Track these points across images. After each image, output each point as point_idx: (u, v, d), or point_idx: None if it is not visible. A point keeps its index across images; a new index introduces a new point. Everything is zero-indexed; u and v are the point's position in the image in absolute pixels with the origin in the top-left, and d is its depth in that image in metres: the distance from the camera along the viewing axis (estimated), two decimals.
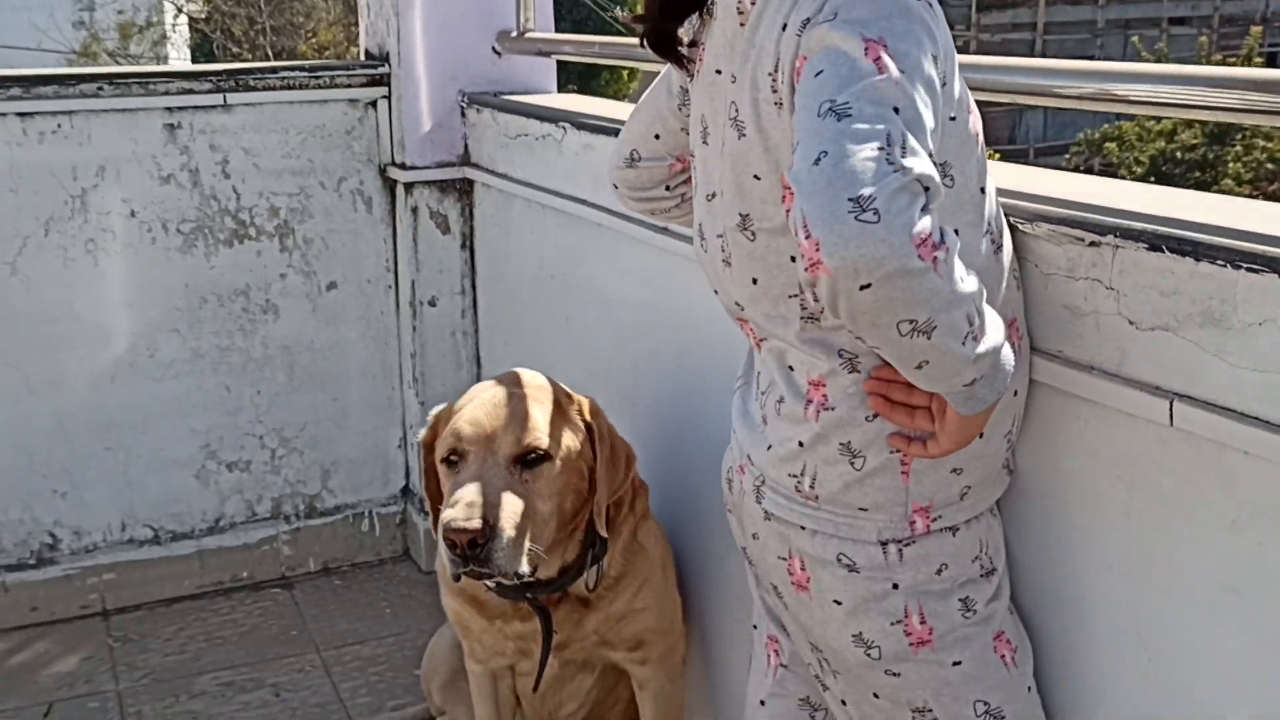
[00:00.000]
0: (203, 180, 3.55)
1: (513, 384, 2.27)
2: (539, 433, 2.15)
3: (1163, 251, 1.44)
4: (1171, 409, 1.45)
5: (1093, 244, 1.53)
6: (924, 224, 1.24)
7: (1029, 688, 1.62)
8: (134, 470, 3.62)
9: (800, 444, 1.57)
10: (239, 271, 3.63)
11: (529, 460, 2.14)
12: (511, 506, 2.07)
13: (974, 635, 1.57)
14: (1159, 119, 17.30)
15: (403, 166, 3.64)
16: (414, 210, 3.67)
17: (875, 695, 1.61)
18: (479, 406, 2.19)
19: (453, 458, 2.17)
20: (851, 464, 1.54)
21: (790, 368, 1.60)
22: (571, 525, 2.25)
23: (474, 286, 3.75)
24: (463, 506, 2.04)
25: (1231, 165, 17.95)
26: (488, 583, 2.23)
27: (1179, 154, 18.65)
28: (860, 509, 1.55)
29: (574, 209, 2.99)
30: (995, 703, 1.58)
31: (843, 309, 1.28)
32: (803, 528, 1.58)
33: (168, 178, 3.51)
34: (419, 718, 3.03)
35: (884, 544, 1.55)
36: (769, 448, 1.62)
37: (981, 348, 1.35)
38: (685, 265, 2.50)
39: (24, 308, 3.42)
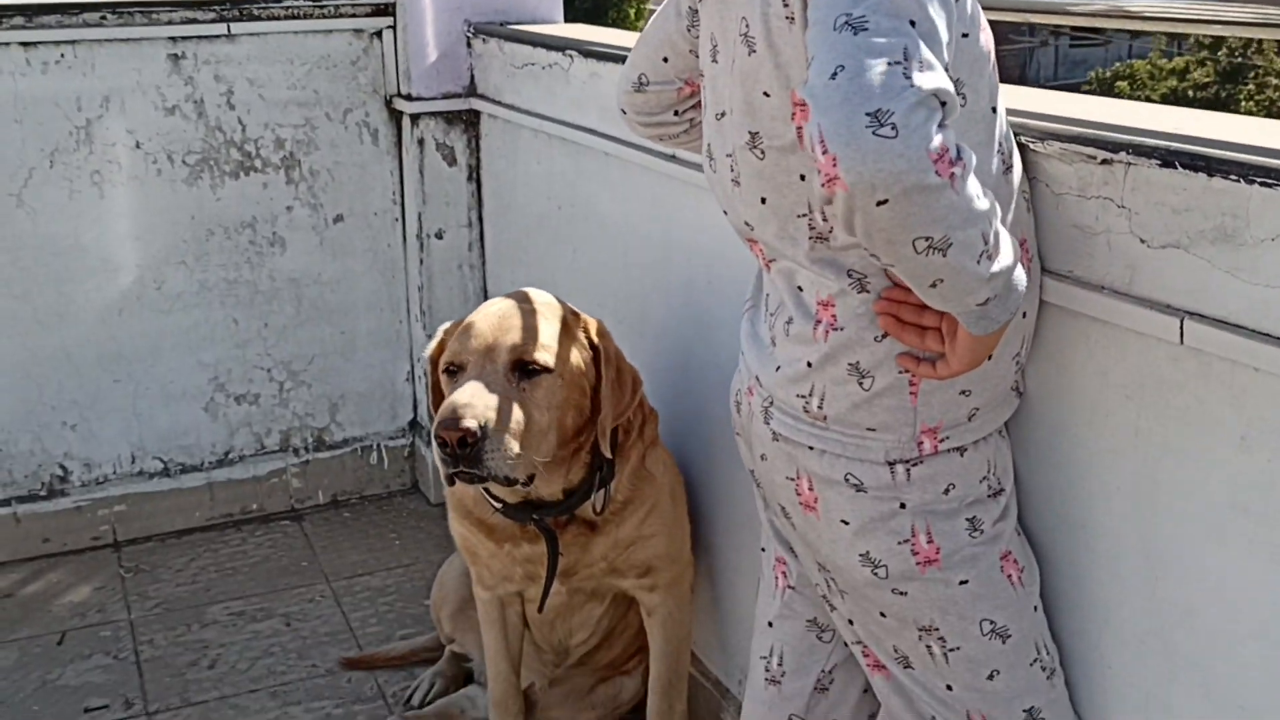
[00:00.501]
0: (208, 111, 3.53)
1: (520, 300, 2.28)
2: (539, 344, 2.17)
3: (1175, 168, 1.43)
4: (1182, 327, 1.44)
5: (1104, 162, 1.51)
6: (941, 139, 1.23)
7: (1035, 607, 1.63)
8: (143, 403, 3.63)
9: (809, 364, 1.57)
10: (245, 204, 3.62)
11: (528, 370, 2.15)
12: (505, 411, 2.08)
13: (980, 555, 1.57)
14: (1170, 56, 17.14)
15: (408, 98, 3.61)
16: (420, 142, 3.65)
17: (882, 614, 1.61)
18: (483, 319, 2.21)
19: (453, 368, 2.20)
20: (860, 384, 1.54)
21: (799, 288, 1.59)
22: (574, 445, 2.26)
23: (481, 219, 3.74)
24: (456, 406, 2.05)
25: (1244, 104, 17.82)
26: (486, 492, 2.27)
27: (1191, 92, 18.52)
28: (868, 429, 1.55)
29: (581, 138, 2.97)
30: (1001, 621, 1.59)
31: (859, 225, 1.27)
32: (811, 448, 1.58)
33: (172, 109, 3.49)
34: (429, 646, 3.06)
35: (891, 464, 1.55)
36: (777, 369, 1.62)
37: (995, 266, 1.35)
38: (693, 192, 2.49)
39: (30, 240, 3.41)
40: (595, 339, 2.27)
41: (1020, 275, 1.40)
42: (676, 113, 1.85)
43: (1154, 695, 1.57)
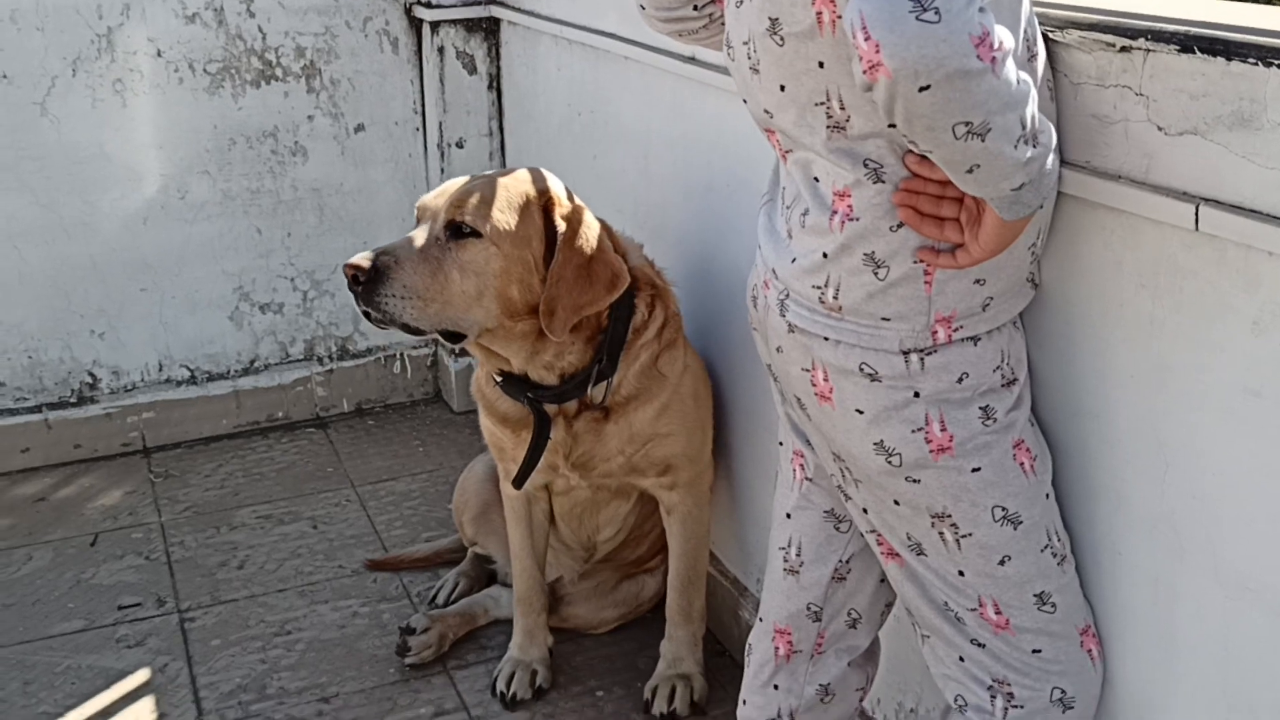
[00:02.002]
0: (228, 19, 3.52)
1: (499, 173, 2.35)
2: (467, 209, 2.24)
3: (1194, 53, 1.43)
4: (1197, 213, 1.44)
5: (1123, 49, 1.51)
6: (983, 23, 1.24)
7: (1047, 495, 1.65)
8: (169, 311, 3.67)
9: (824, 255, 1.58)
10: (267, 113, 3.63)
11: (459, 232, 2.24)
12: (413, 263, 2.20)
13: (993, 443, 1.59)
14: None
15: (428, 5, 3.60)
16: (440, 50, 3.64)
17: (896, 502, 1.64)
18: (451, 183, 2.33)
19: (419, 219, 2.32)
20: (875, 274, 1.55)
21: (815, 179, 1.60)
22: (529, 320, 2.28)
23: (501, 128, 3.74)
24: (371, 250, 2.22)
25: None
26: (495, 380, 2.41)
27: None
28: (883, 319, 1.56)
29: (601, 43, 2.96)
30: (1013, 508, 1.61)
31: (899, 112, 1.29)
32: (826, 338, 1.60)
33: (192, 16, 3.49)
34: (453, 548, 3.12)
35: (906, 353, 1.56)
36: (793, 260, 1.63)
37: (1032, 152, 1.36)
38: (714, 95, 2.49)
39: (55, 148, 3.44)
40: (560, 220, 2.28)
41: (1053, 161, 1.42)
42: (695, 7, 1.85)
43: (1163, 579, 1.60)
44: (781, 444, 1.92)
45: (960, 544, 1.62)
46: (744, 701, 1.95)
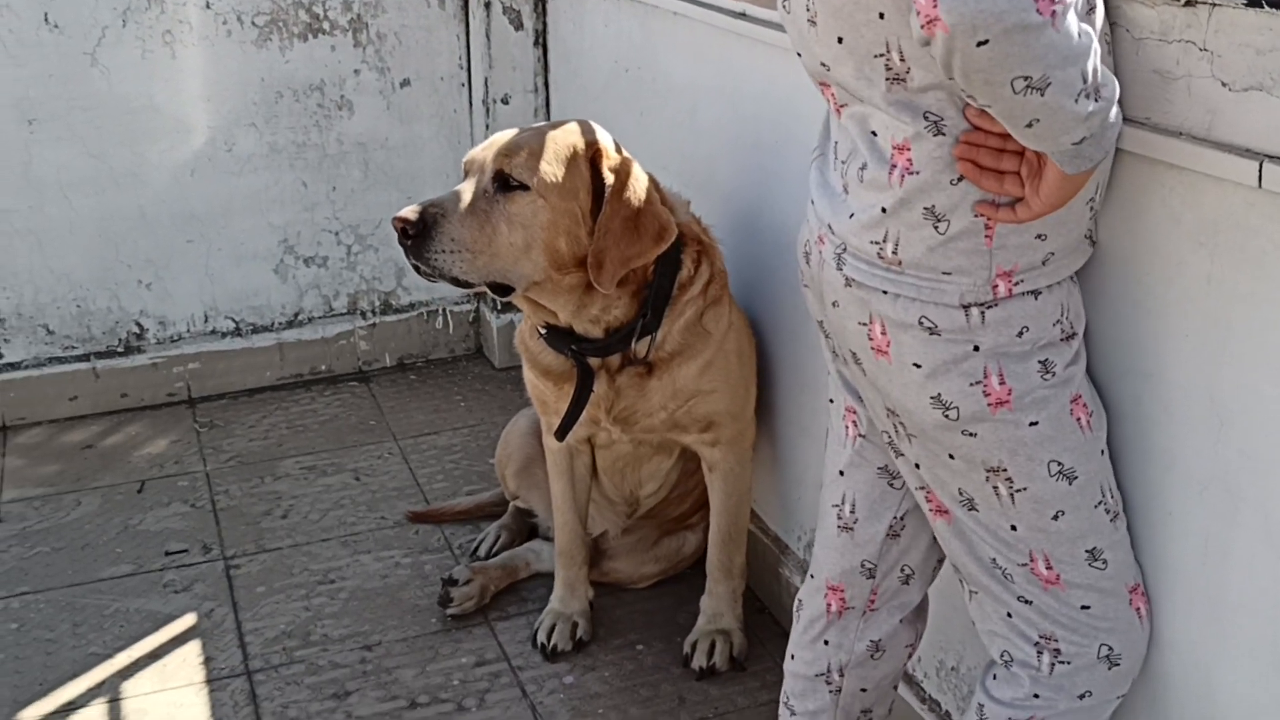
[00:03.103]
0: None
1: (547, 125, 2.35)
2: (515, 161, 2.24)
3: (1261, 7, 1.41)
4: (1261, 170, 1.43)
5: (1188, 3, 1.49)
6: None
7: (1102, 451, 1.65)
8: (215, 263, 3.70)
9: (883, 210, 1.57)
10: (313, 66, 3.64)
11: (507, 185, 2.24)
12: (461, 216, 2.21)
13: (1051, 397, 1.59)
14: None
15: None
16: (487, 5, 3.64)
17: (950, 456, 1.64)
18: (499, 136, 2.32)
19: (466, 170, 2.32)
20: (935, 228, 1.54)
21: (873, 133, 1.59)
22: (578, 273, 2.29)
23: (547, 84, 3.74)
24: (419, 203, 2.22)
25: None
26: (540, 332, 2.42)
27: None
28: (944, 273, 1.56)
29: None
30: (1069, 463, 1.61)
31: (957, 66, 1.29)
32: (884, 292, 1.60)
33: None
34: (494, 501, 3.14)
35: (966, 307, 1.56)
36: (850, 215, 1.62)
37: (1094, 106, 1.35)
38: (762, 51, 2.47)
39: (105, 98, 3.46)
40: (609, 172, 2.28)
41: (1116, 114, 1.40)
42: None
43: (1214, 540, 1.60)
44: (832, 401, 1.92)
45: (1014, 498, 1.62)
46: (792, 656, 1.96)
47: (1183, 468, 1.63)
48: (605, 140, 2.34)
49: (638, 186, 2.31)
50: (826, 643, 1.91)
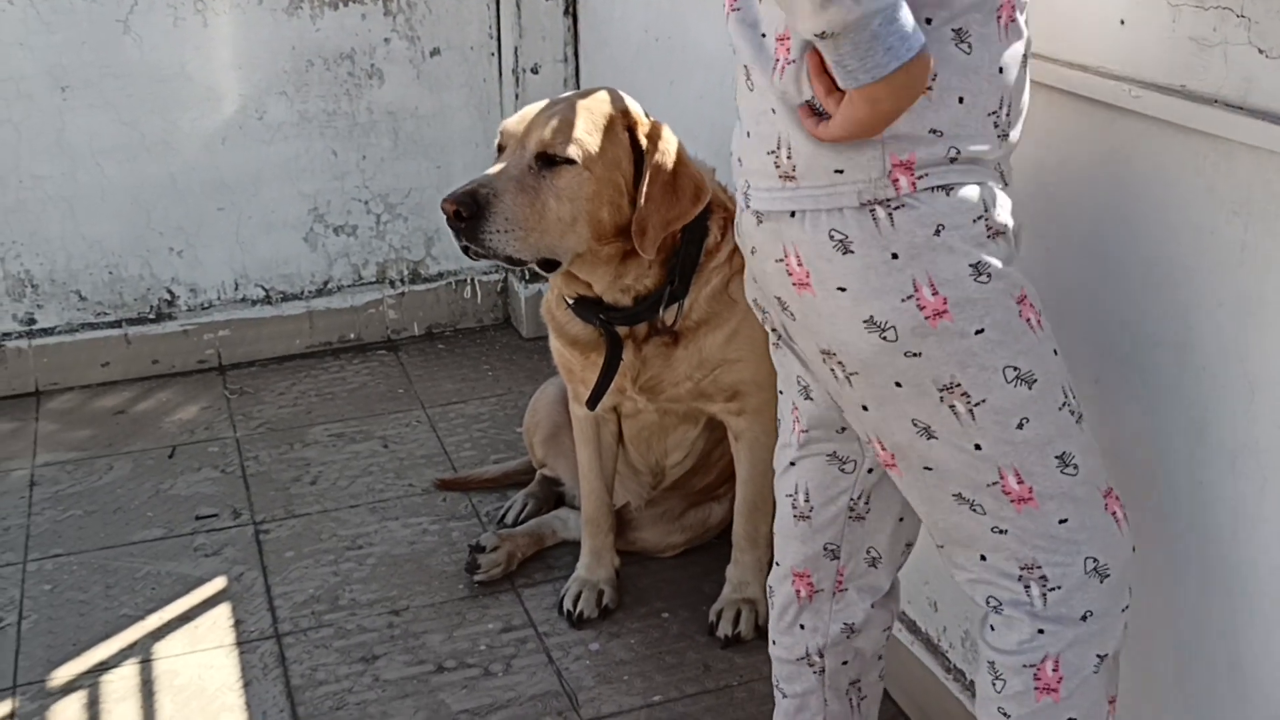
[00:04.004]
0: None
1: (576, 96, 2.34)
2: (561, 137, 2.23)
3: None
4: None
5: None
6: None
7: (1055, 350, 1.55)
8: (245, 231, 3.72)
9: (772, 110, 1.49)
10: (344, 35, 3.64)
11: (551, 161, 2.23)
12: (512, 194, 2.19)
13: (993, 299, 1.48)
14: None
15: None
16: None
17: (898, 385, 1.53)
18: (531, 109, 2.31)
19: (498, 152, 2.31)
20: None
21: (763, 35, 1.52)
22: (618, 243, 2.30)
23: (577, 54, 3.73)
24: (467, 184, 2.20)
25: None
26: (566, 303, 2.40)
27: None
28: (836, 171, 1.46)
29: None
30: (1026, 367, 1.50)
31: None
32: (790, 214, 1.51)
33: None
34: (522, 470, 3.16)
35: (871, 209, 1.46)
36: (748, 134, 1.56)
37: (833, 3, 1.28)
38: None
39: (137, 66, 3.48)
40: (644, 139, 2.29)
41: (886, 31, 1.30)
42: None
43: (1244, 509, 1.59)
44: (781, 393, 1.87)
45: (974, 414, 1.51)
46: (773, 641, 1.95)
47: (1214, 437, 1.62)
48: (635, 107, 2.35)
49: (670, 149, 2.32)
50: (802, 627, 1.89)
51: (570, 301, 2.42)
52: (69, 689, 2.48)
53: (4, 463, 3.28)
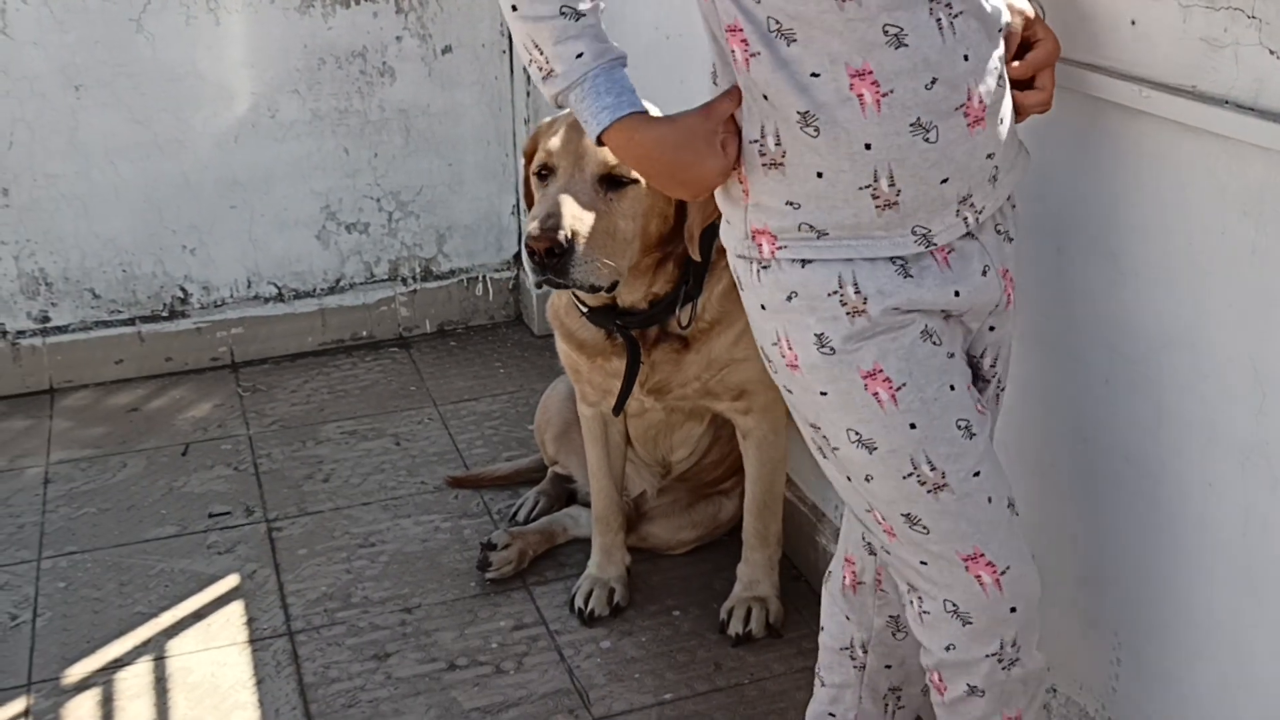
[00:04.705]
0: None
1: None
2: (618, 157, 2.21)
3: None
4: None
5: None
6: None
7: (912, 425, 1.55)
8: (258, 229, 3.73)
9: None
10: (356, 33, 3.65)
11: (616, 182, 2.22)
12: (591, 223, 2.17)
13: (837, 371, 1.53)
14: None
15: None
16: None
17: (793, 405, 1.66)
18: (575, 125, 2.24)
19: (543, 171, 2.27)
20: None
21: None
22: (657, 253, 2.31)
23: None
24: (546, 218, 2.16)
25: None
26: (576, 299, 2.40)
27: None
28: (727, 220, 1.60)
29: None
30: (866, 434, 1.56)
31: None
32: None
33: None
34: (533, 467, 3.16)
35: (745, 259, 1.57)
36: None
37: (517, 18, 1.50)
38: None
39: (150, 65, 3.49)
40: None
41: (601, 99, 1.51)
42: None
43: (1254, 510, 1.59)
44: None
45: (833, 456, 1.63)
46: (823, 627, 1.97)
47: (1224, 438, 1.62)
48: (657, 111, 2.34)
49: None
50: (848, 618, 1.91)
51: (584, 310, 2.41)
52: (83, 686, 2.49)
53: (19, 460, 3.30)
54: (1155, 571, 1.77)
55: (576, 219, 2.16)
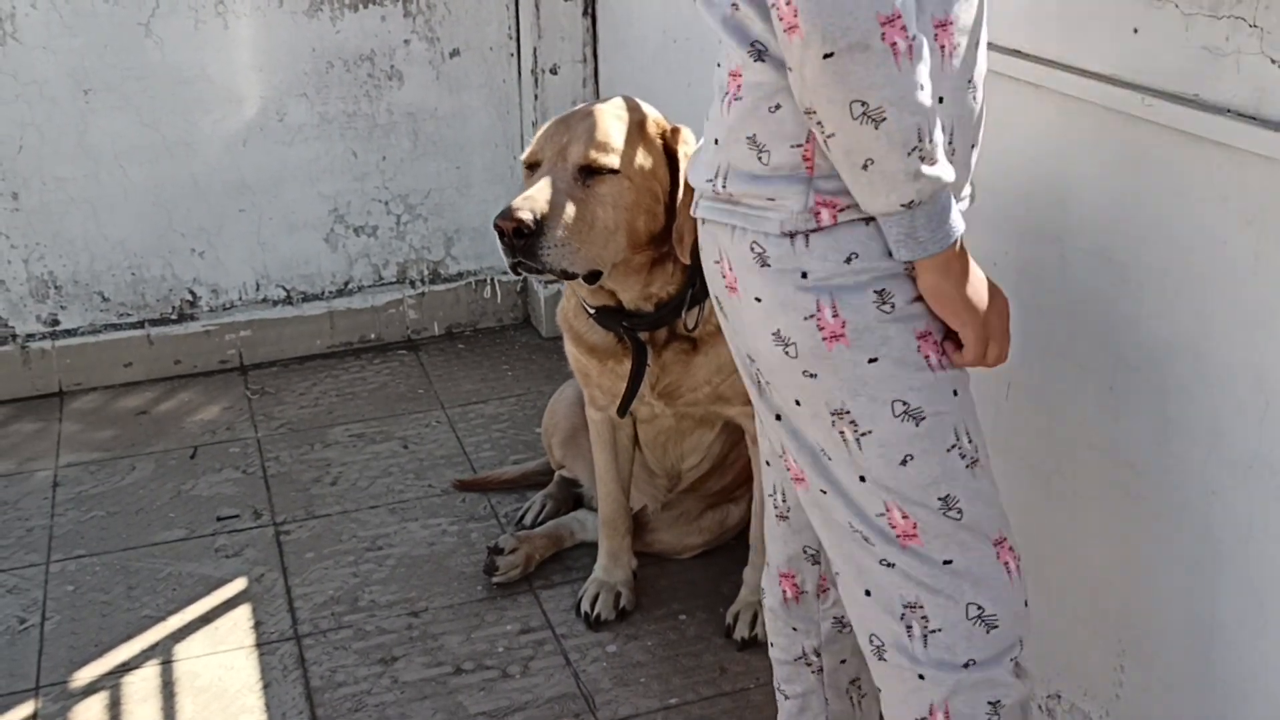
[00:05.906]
0: None
1: (604, 104, 2.35)
2: (604, 147, 2.24)
3: None
4: None
5: None
6: (897, 6, 1.28)
7: (955, 391, 1.54)
8: (266, 232, 3.74)
9: (716, 141, 1.56)
10: (364, 36, 3.66)
11: (593, 171, 2.23)
12: (565, 209, 2.19)
13: (893, 332, 1.50)
14: None
15: None
16: None
17: (798, 402, 1.58)
18: (561, 120, 2.31)
19: (531, 164, 2.30)
20: (759, 159, 1.51)
21: (718, 64, 1.57)
22: (651, 252, 2.32)
23: (596, 54, 3.74)
24: (517, 200, 2.19)
25: None
26: (585, 307, 2.40)
27: None
28: (768, 199, 1.51)
29: None
30: (915, 403, 1.51)
31: (808, 77, 1.34)
32: (726, 225, 1.57)
33: None
34: (540, 471, 3.17)
35: (791, 235, 1.50)
36: (699, 154, 1.63)
37: (927, 170, 1.37)
38: None
39: (158, 68, 3.50)
40: (671, 143, 2.31)
41: (952, 209, 1.42)
42: None
43: (1258, 518, 1.59)
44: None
45: (860, 443, 1.54)
46: (771, 644, 1.97)
47: (1228, 446, 1.62)
48: (655, 114, 2.36)
49: (691, 150, 2.32)
50: (795, 629, 1.90)
51: (592, 311, 2.43)
52: (91, 690, 2.51)
53: (28, 463, 3.31)
54: (1159, 578, 1.77)
55: (548, 203, 2.19)
